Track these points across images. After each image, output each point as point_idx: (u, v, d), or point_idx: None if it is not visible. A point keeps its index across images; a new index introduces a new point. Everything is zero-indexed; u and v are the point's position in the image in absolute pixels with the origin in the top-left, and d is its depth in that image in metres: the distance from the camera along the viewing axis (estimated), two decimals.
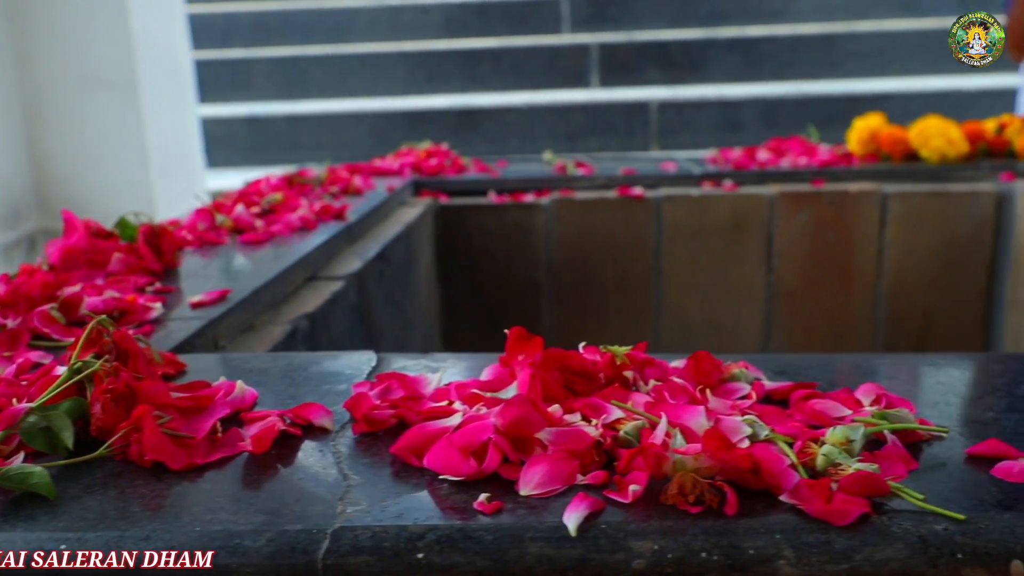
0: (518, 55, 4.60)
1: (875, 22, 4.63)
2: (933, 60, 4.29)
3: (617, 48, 4.54)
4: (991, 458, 0.55)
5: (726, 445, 0.48)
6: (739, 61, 4.53)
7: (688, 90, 4.31)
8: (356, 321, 1.22)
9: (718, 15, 4.78)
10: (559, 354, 0.62)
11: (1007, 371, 0.73)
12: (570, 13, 4.84)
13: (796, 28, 4.63)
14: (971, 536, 0.47)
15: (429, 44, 4.65)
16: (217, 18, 4.71)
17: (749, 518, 0.49)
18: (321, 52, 4.60)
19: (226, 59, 4.40)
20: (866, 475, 0.49)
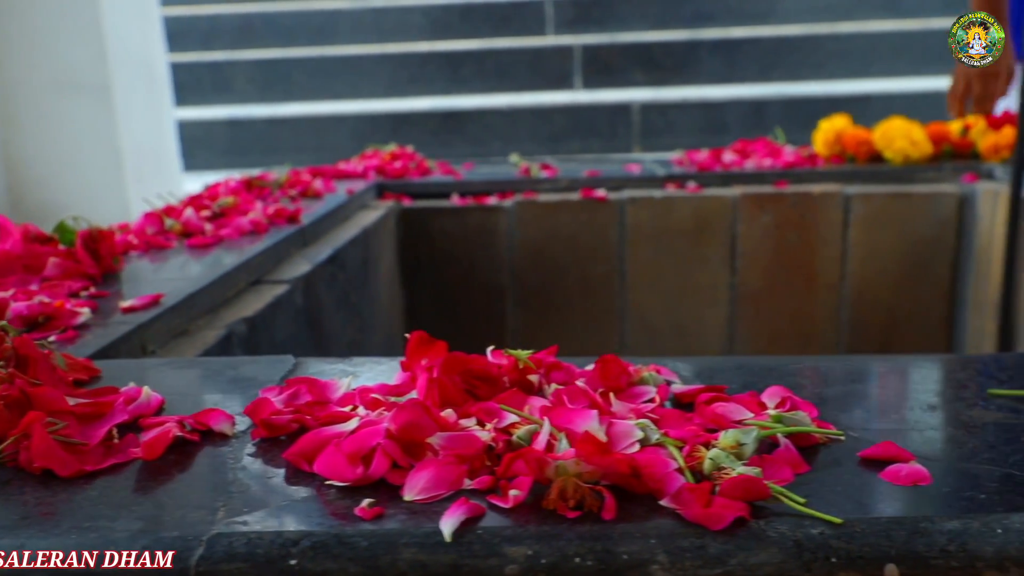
0: (501, 57, 4.60)
1: (858, 23, 4.64)
2: (916, 61, 4.30)
3: (600, 50, 4.55)
4: (884, 461, 0.55)
5: (602, 449, 0.48)
6: (723, 62, 4.53)
7: (671, 92, 4.31)
8: (303, 325, 1.21)
9: (702, 17, 4.78)
10: (461, 358, 0.62)
11: (928, 372, 0.73)
12: (554, 15, 4.84)
13: (779, 29, 4.64)
14: (846, 540, 0.47)
15: (412, 46, 4.64)
16: (199, 20, 4.71)
17: (627, 523, 0.48)
18: (303, 54, 4.59)
19: (207, 62, 4.39)
20: (746, 479, 0.49)
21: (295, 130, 4.25)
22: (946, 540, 0.47)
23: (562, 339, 1.92)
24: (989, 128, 2.03)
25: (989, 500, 0.50)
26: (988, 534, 0.47)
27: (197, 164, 4.05)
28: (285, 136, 4.24)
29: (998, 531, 0.47)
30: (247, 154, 4.14)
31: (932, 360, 0.76)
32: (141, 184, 3.19)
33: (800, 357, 0.78)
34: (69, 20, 3.00)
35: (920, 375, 0.72)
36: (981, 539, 0.47)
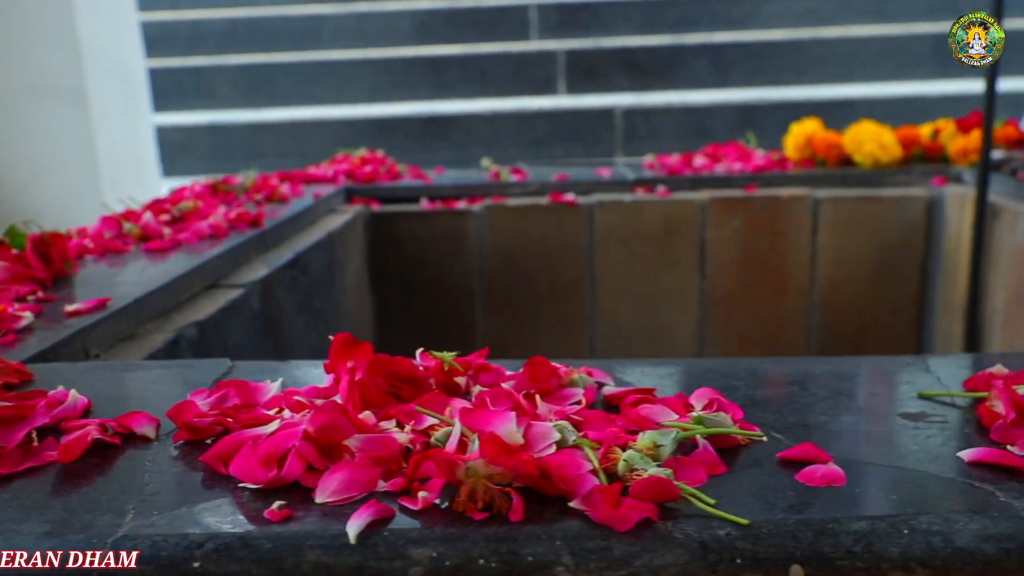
0: (485, 62, 4.60)
1: (842, 28, 4.66)
2: (899, 66, 4.32)
3: (584, 54, 4.55)
4: (802, 462, 0.55)
5: (507, 451, 0.48)
6: (707, 67, 4.54)
7: (655, 96, 4.32)
8: (260, 329, 1.21)
9: (687, 21, 4.79)
10: (386, 360, 0.62)
11: (864, 374, 0.73)
12: (538, 20, 4.84)
13: (764, 34, 4.65)
14: (752, 541, 0.47)
15: (396, 51, 4.64)
16: (183, 25, 4.70)
17: (535, 524, 0.48)
18: (287, 59, 4.59)
19: (190, 67, 4.39)
20: (656, 480, 0.49)
21: (278, 135, 4.25)
22: (852, 541, 0.47)
23: (532, 343, 1.92)
24: (958, 132, 2.04)
25: (900, 501, 0.50)
26: (895, 535, 0.47)
27: (179, 170, 4.04)
28: (268, 141, 4.24)
29: (905, 532, 0.47)
30: (229, 160, 4.13)
31: (870, 361, 0.76)
32: (119, 189, 3.18)
33: (742, 359, 0.78)
34: (44, 25, 2.99)
35: (856, 376, 0.72)
36: (887, 540, 0.47)
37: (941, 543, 0.47)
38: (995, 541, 0.47)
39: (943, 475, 0.53)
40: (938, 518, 0.48)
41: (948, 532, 0.47)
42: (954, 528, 0.47)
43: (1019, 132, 2.04)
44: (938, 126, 2.10)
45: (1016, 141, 2.02)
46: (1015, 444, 0.57)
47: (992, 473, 0.53)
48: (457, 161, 3.16)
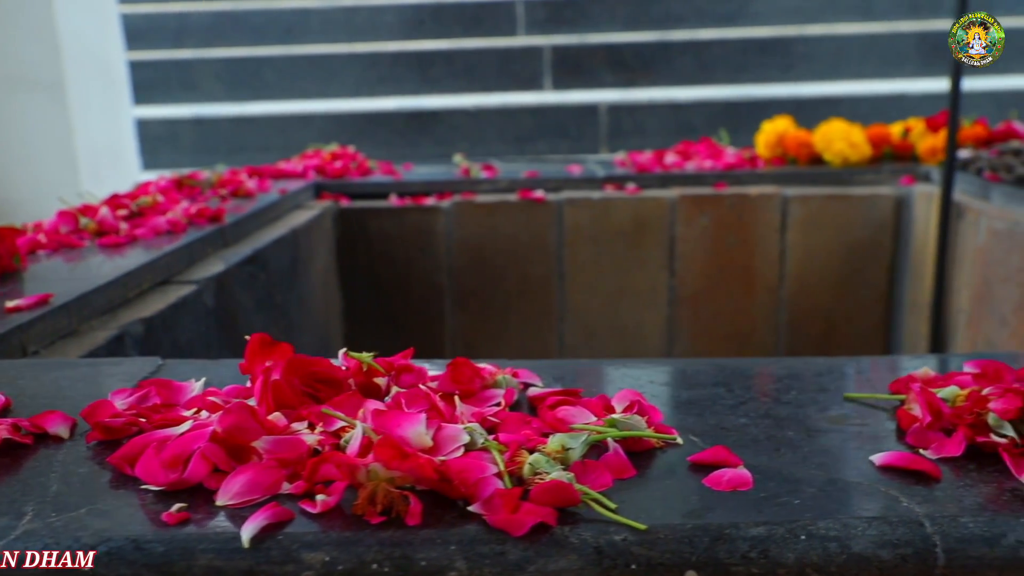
0: (471, 57, 4.59)
1: (827, 26, 4.66)
2: (884, 64, 4.32)
3: (570, 51, 4.55)
4: (713, 466, 0.55)
5: (401, 454, 0.47)
6: (692, 64, 4.54)
7: (640, 93, 4.32)
8: (214, 326, 1.20)
9: (672, 18, 4.79)
10: (303, 361, 0.61)
11: (794, 375, 0.72)
12: (525, 15, 4.83)
13: (749, 31, 4.65)
14: (648, 546, 0.47)
15: (382, 46, 4.63)
16: (168, 18, 4.68)
17: (432, 529, 0.48)
18: (272, 53, 4.57)
19: (175, 59, 4.37)
20: (556, 484, 0.49)
21: (262, 129, 4.23)
22: (748, 546, 0.47)
23: (501, 340, 1.91)
24: (928, 130, 2.04)
25: (803, 505, 0.50)
26: (792, 540, 0.47)
27: (162, 163, 4.02)
28: (252, 135, 4.22)
29: (802, 537, 0.47)
30: (213, 153, 4.12)
31: (805, 362, 0.75)
32: (97, 182, 3.16)
33: (677, 360, 0.78)
34: (22, 16, 2.97)
35: (785, 378, 0.72)
36: (784, 545, 0.47)
37: (838, 549, 0.47)
38: (892, 547, 0.47)
39: (851, 479, 0.53)
40: (837, 523, 0.48)
41: (845, 538, 0.47)
42: (852, 534, 0.47)
43: (987, 131, 2.04)
44: (908, 125, 2.10)
45: (984, 140, 2.02)
46: (929, 448, 0.57)
47: (901, 477, 0.53)
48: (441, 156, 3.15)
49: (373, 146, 4.17)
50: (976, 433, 0.56)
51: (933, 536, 0.47)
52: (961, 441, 0.56)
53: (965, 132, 2.03)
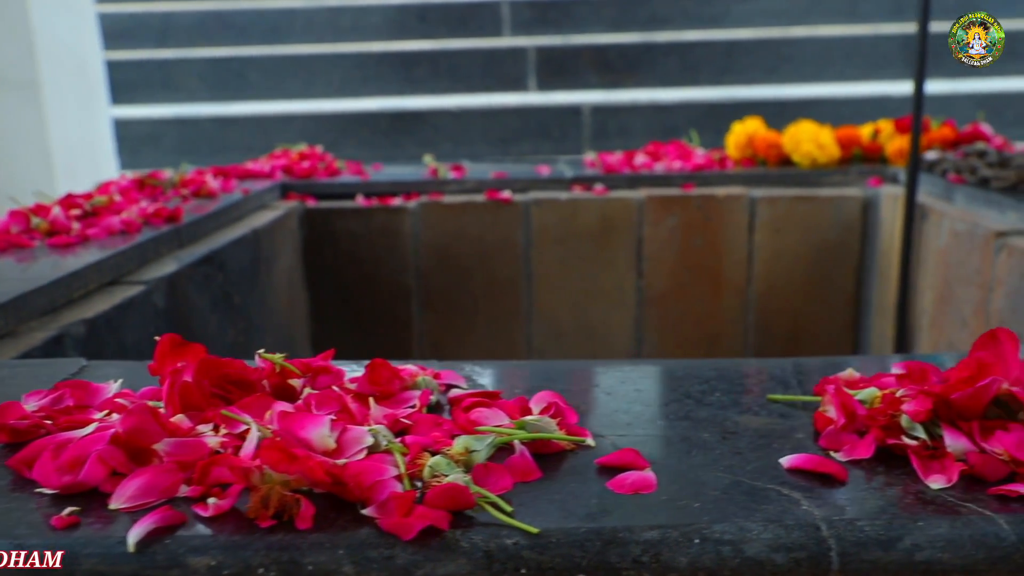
0: (456, 58, 4.59)
1: (811, 28, 4.67)
2: (867, 66, 4.33)
3: (555, 52, 4.55)
4: (620, 468, 0.54)
5: (288, 457, 0.47)
6: (676, 65, 4.54)
7: (624, 94, 4.32)
8: (164, 327, 1.19)
9: (657, 20, 4.79)
10: (215, 362, 0.61)
11: (722, 376, 0.72)
12: (510, 16, 4.83)
13: (733, 33, 4.65)
14: (539, 551, 0.46)
15: (367, 46, 4.62)
16: (152, 18, 4.66)
17: (323, 532, 0.47)
18: (257, 53, 4.56)
19: (159, 59, 4.35)
20: (451, 488, 0.48)
21: (245, 129, 4.22)
22: (640, 551, 0.46)
23: (469, 341, 1.91)
24: (897, 132, 2.04)
25: (702, 509, 0.49)
26: (685, 544, 0.46)
27: (143, 163, 4.00)
28: (234, 135, 4.21)
29: (696, 541, 0.46)
30: (195, 153, 4.11)
31: (733, 364, 0.75)
32: (73, 182, 3.15)
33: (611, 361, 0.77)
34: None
35: (713, 379, 0.71)
36: (677, 549, 0.46)
37: (731, 553, 0.46)
38: (786, 551, 0.46)
39: (756, 482, 0.52)
40: (732, 527, 0.47)
41: (739, 541, 0.46)
42: (746, 537, 0.47)
43: (955, 133, 2.04)
44: (878, 126, 2.10)
45: (951, 142, 2.02)
46: (841, 450, 0.56)
47: (808, 480, 0.53)
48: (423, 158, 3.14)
49: (356, 147, 4.17)
50: (888, 435, 0.56)
51: (828, 540, 0.47)
52: (871, 443, 0.56)
53: (933, 134, 2.04)
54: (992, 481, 0.52)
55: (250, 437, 0.51)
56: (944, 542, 0.47)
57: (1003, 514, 0.48)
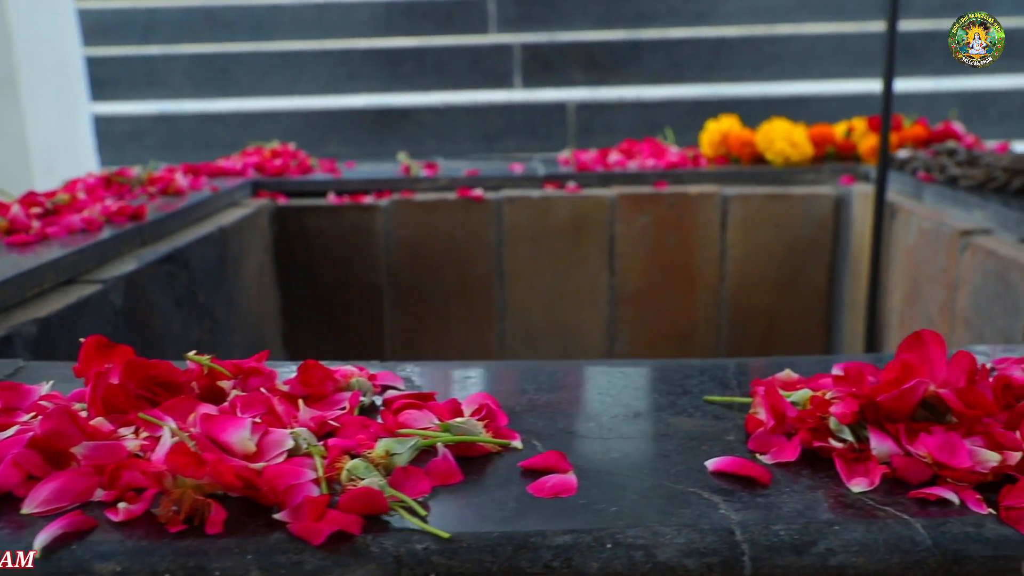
0: (441, 55, 4.58)
1: (796, 26, 4.67)
2: (853, 64, 4.34)
3: (541, 49, 4.54)
4: (543, 471, 0.54)
5: (195, 461, 0.46)
6: (662, 63, 4.54)
7: (609, 91, 4.32)
8: (122, 326, 1.18)
9: (644, 17, 4.78)
10: (142, 364, 0.60)
11: (660, 377, 0.72)
12: (496, 13, 4.82)
13: (719, 31, 4.65)
14: (449, 555, 0.46)
15: (352, 43, 4.61)
16: (138, 14, 4.64)
17: (233, 537, 0.47)
18: (242, 49, 4.54)
19: (142, 55, 4.33)
20: (364, 492, 0.48)
21: (229, 126, 4.21)
22: (552, 555, 0.46)
23: (441, 339, 1.90)
24: (870, 130, 2.04)
25: (619, 513, 0.49)
26: (598, 549, 0.46)
27: (126, 160, 3.99)
28: (218, 132, 4.20)
29: (608, 546, 0.46)
30: (178, 150, 4.09)
31: (676, 364, 0.74)
32: (52, 179, 3.13)
33: (555, 361, 0.77)
34: None
35: (654, 380, 0.71)
36: (589, 554, 0.46)
37: (643, 558, 0.46)
38: (699, 555, 0.46)
39: (678, 486, 0.52)
40: (647, 531, 0.47)
41: (653, 546, 0.46)
42: (660, 542, 0.46)
43: (927, 131, 2.04)
44: (851, 125, 2.10)
45: (923, 140, 2.02)
46: (768, 452, 0.56)
47: (731, 483, 0.52)
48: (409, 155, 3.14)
49: (341, 144, 4.16)
50: (815, 438, 0.55)
51: (742, 544, 0.46)
52: (797, 446, 0.55)
53: (905, 132, 2.04)
54: (915, 484, 0.52)
55: (162, 441, 0.50)
56: (859, 547, 0.46)
57: (921, 518, 0.48)
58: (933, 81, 3.89)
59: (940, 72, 3.90)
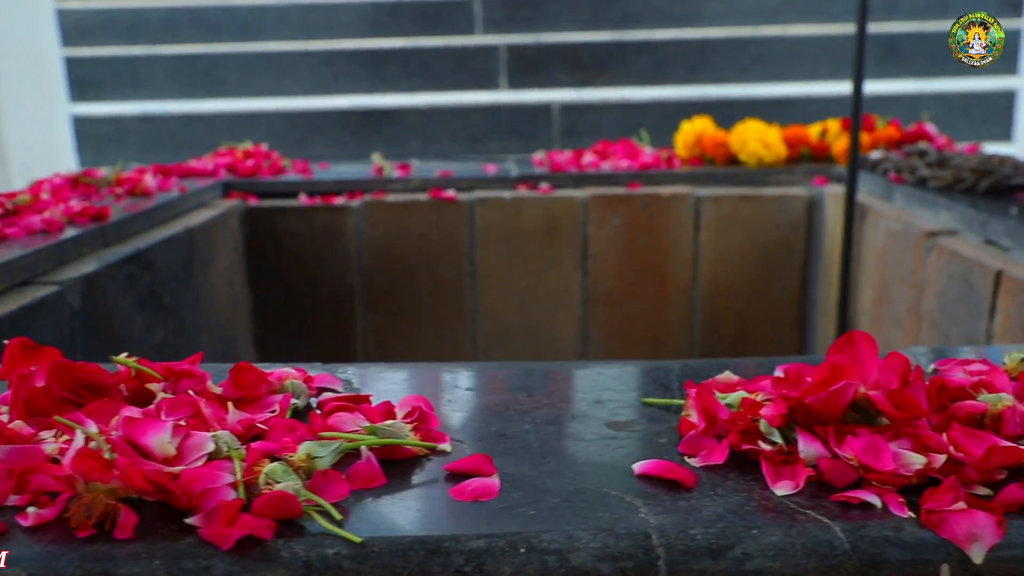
0: (426, 56, 4.57)
1: (783, 27, 4.67)
2: (839, 65, 4.34)
3: (527, 50, 4.54)
4: (467, 475, 0.53)
5: (102, 465, 0.46)
6: (647, 64, 4.54)
7: (593, 92, 4.32)
8: (80, 328, 1.17)
9: (630, 18, 4.78)
10: (68, 366, 0.59)
11: (602, 379, 0.71)
12: (483, 14, 4.81)
13: (705, 32, 4.65)
14: (359, 560, 0.45)
15: (337, 43, 4.60)
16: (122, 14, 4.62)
17: (143, 542, 0.46)
18: (227, 50, 4.52)
19: (127, 56, 4.31)
20: (277, 496, 0.47)
21: (212, 127, 4.20)
22: (464, 560, 0.45)
23: (414, 341, 1.90)
24: (844, 131, 2.04)
25: (537, 517, 0.48)
26: (511, 553, 0.45)
27: (107, 160, 3.97)
28: (202, 133, 4.18)
29: (522, 551, 0.46)
30: (160, 151, 4.07)
31: (620, 367, 0.74)
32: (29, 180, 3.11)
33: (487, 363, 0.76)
34: None
35: (591, 381, 0.70)
36: (501, 559, 0.45)
37: (556, 562, 0.45)
38: (613, 560, 0.45)
39: (602, 489, 0.51)
40: (562, 536, 0.46)
41: (567, 551, 0.46)
42: (574, 547, 0.46)
43: (900, 132, 2.04)
44: (826, 126, 2.10)
45: (896, 141, 2.03)
46: (698, 455, 0.56)
47: (655, 486, 0.52)
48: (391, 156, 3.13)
49: (325, 145, 4.15)
50: (745, 440, 0.55)
51: (657, 549, 0.46)
52: (726, 449, 0.55)
53: (878, 133, 2.04)
54: (840, 487, 0.51)
55: (74, 444, 0.49)
56: (776, 550, 0.46)
57: (841, 521, 0.48)
58: (917, 83, 3.91)
59: (924, 74, 3.91)
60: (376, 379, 0.72)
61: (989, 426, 0.56)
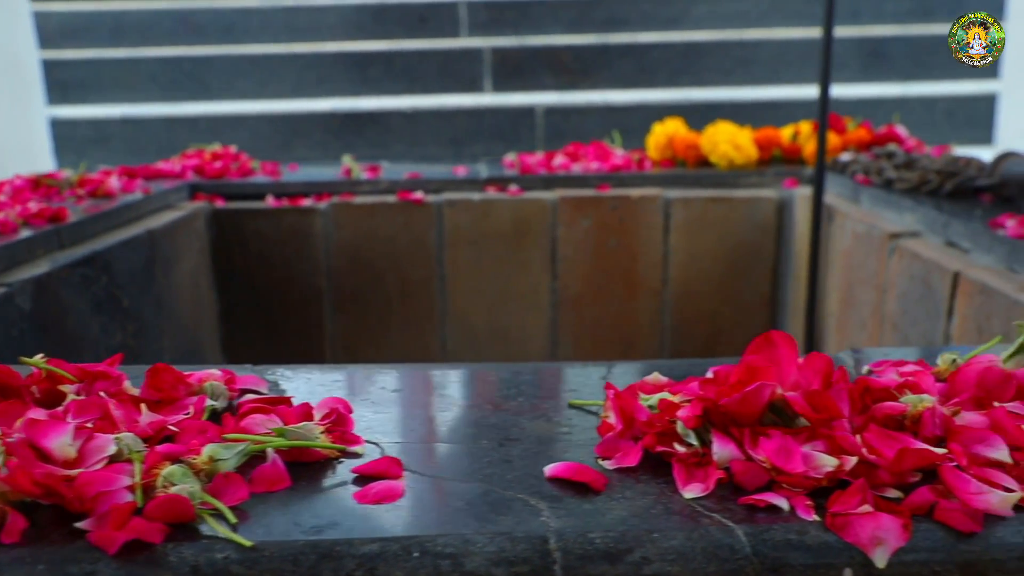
0: (411, 59, 4.56)
1: (768, 30, 4.68)
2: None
3: (510, 53, 4.54)
4: (375, 477, 0.52)
5: None
6: (632, 67, 4.54)
7: (577, 96, 4.32)
8: (30, 329, 1.16)
9: (615, 21, 4.78)
10: None
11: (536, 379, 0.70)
12: (467, 17, 4.81)
13: (690, 35, 4.65)
14: (249, 565, 0.44)
15: (322, 46, 4.59)
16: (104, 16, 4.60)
17: (30, 547, 0.45)
18: (210, 53, 4.51)
19: (110, 59, 4.29)
20: (169, 499, 0.46)
21: (195, 130, 4.18)
22: (355, 565, 0.44)
23: (382, 343, 1.88)
24: (815, 134, 2.04)
25: (436, 520, 0.47)
26: (404, 558, 0.45)
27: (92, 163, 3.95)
28: (184, 136, 4.16)
29: (415, 555, 0.45)
30: (143, 154, 4.05)
31: (551, 368, 0.73)
32: None
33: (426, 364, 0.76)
34: None
35: (521, 383, 0.69)
36: (394, 563, 0.44)
37: (450, 566, 0.44)
38: (508, 564, 0.44)
39: (509, 492, 0.51)
40: (457, 540, 0.45)
41: (462, 555, 0.45)
42: (469, 551, 0.45)
43: (871, 134, 2.04)
44: (798, 127, 2.09)
45: (867, 143, 2.02)
46: (614, 457, 0.55)
47: (564, 489, 0.51)
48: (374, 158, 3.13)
49: (309, 147, 4.14)
50: (660, 442, 0.54)
51: (554, 553, 0.45)
52: (639, 451, 0.54)
53: (849, 135, 2.03)
54: (751, 490, 0.50)
55: None
56: (675, 555, 0.45)
57: (745, 525, 0.47)
58: (901, 86, 3.92)
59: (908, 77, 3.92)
60: (305, 381, 0.71)
61: (909, 428, 0.56)
